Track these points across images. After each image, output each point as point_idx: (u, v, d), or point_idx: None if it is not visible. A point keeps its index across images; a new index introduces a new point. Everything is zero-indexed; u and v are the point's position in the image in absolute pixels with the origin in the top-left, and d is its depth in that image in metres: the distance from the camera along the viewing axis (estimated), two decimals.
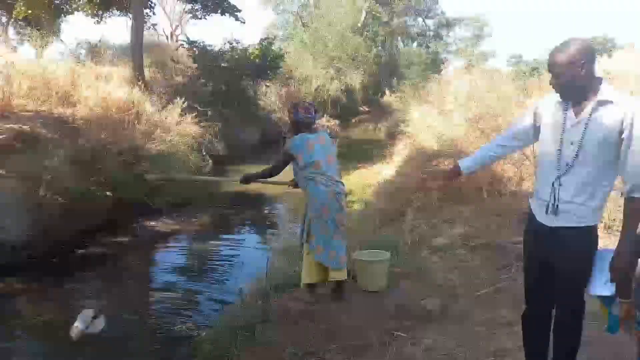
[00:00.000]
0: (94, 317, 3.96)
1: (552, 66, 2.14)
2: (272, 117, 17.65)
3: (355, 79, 25.52)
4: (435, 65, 34.83)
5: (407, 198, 6.37)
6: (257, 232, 7.91)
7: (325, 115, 19.54)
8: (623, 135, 2.04)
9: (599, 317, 2.36)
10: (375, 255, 4.21)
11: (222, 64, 14.23)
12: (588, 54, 2.10)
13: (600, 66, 12.05)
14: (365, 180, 9.28)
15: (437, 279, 4.13)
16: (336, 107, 23.69)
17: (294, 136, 3.83)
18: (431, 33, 41.70)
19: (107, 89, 9.39)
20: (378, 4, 30.87)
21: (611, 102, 2.07)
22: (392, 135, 14.38)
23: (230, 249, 6.59)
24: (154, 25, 16.16)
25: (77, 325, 3.83)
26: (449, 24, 41.54)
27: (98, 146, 7.42)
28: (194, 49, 14.23)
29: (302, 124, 3.83)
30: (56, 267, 5.64)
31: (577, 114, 2.14)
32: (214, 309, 4.69)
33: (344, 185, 3.93)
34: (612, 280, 2.11)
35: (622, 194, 2.13)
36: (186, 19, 19.82)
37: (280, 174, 4.05)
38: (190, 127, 10.52)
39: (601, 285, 2.15)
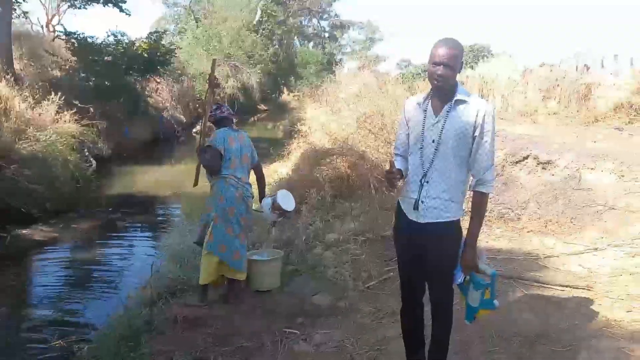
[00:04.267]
0: None
1: (444, 57, 2.12)
2: (165, 115, 16.87)
3: (252, 77, 25.23)
4: (330, 65, 35.79)
5: (302, 196, 6.45)
6: (146, 237, 7.47)
7: None
8: (475, 133, 2.19)
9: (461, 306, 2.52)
10: (268, 254, 4.21)
11: (106, 58, 13.25)
12: (462, 56, 2.21)
13: (479, 70, 13.25)
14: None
15: (329, 274, 4.23)
16: (233, 105, 23.26)
17: (216, 130, 3.96)
18: (326, 34, 42.84)
19: None
20: (273, 2, 30.88)
21: (466, 102, 2.21)
22: (290, 134, 14.48)
23: (116, 256, 6.16)
24: (25, 13, 14.53)
25: None
26: (342, 26, 42.95)
27: None
28: (72, 40, 13.08)
29: (218, 120, 4.01)
30: None
31: (436, 113, 2.25)
32: (96, 320, 4.34)
33: (251, 186, 4.02)
34: (463, 272, 2.30)
35: (470, 188, 2.31)
36: (64, 8, 18.06)
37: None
38: (69, 125, 9.69)
39: (457, 274, 2.33)
